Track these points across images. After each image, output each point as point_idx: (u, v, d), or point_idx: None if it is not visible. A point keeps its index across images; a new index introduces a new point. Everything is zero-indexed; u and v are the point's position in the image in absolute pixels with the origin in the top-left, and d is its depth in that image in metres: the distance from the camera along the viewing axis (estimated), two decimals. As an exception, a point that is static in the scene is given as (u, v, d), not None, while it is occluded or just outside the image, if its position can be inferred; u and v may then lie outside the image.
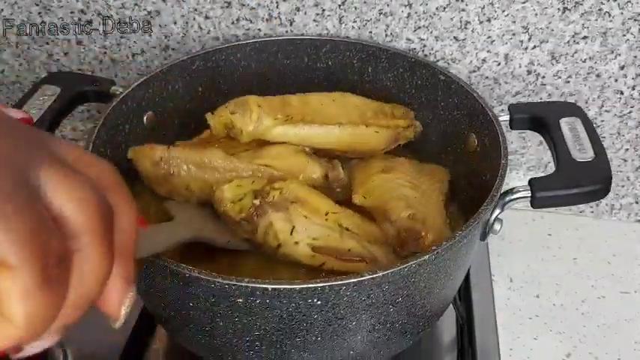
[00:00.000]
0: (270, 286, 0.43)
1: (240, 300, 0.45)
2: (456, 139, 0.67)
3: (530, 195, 0.54)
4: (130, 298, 0.31)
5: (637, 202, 0.82)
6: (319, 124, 0.65)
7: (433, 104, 0.70)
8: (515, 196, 0.55)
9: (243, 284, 0.43)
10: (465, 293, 0.73)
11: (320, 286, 0.44)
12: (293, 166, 0.63)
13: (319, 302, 0.45)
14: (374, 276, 0.44)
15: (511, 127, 0.64)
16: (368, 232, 0.58)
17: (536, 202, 0.55)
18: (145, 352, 0.67)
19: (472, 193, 0.62)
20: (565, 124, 0.60)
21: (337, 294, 0.45)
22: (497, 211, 0.55)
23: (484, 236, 0.57)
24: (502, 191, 0.54)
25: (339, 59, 0.74)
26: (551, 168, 0.59)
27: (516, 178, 0.82)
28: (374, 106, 0.69)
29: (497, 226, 0.56)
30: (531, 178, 0.55)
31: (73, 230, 0.27)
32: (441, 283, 0.53)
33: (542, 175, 0.80)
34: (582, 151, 0.57)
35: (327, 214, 0.57)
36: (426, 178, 0.65)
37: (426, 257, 0.46)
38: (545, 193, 0.54)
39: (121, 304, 0.31)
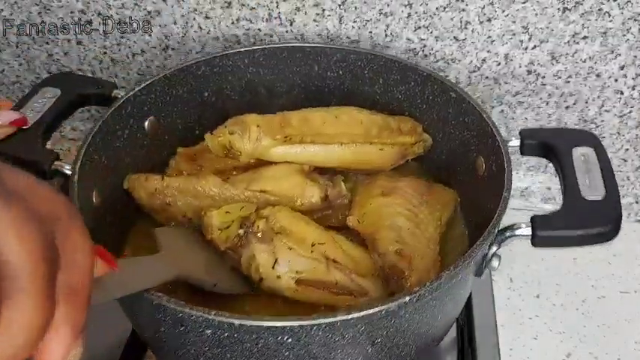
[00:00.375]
0: (237, 322, 0.42)
1: (209, 331, 0.44)
2: (464, 160, 0.65)
3: (531, 233, 0.51)
4: (77, 354, 0.26)
5: (637, 202, 0.82)
6: (320, 144, 0.64)
7: (444, 122, 0.68)
8: (514, 233, 0.52)
9: (210, 317, 0.42)
10: (465, 293, 0.73)
11: (289, 325, 0.42)
12: (290, 190, 0.61)
13: (290, 340, 0.43)
14: (347, 317, 0.42)
15: (522, 153, 0.60)
16: (358, 263, 0.56)
17: (537, 242, 0.51)
18: (144, 353, 0.67)
19: (477, 219, 0.59)
20: (578, 154, 0.56)
21: (308, 333, 0.43)
22: (494, 248, 0.52)
23: (480, 272, 0.54)
24: (501, 227, 0.51)
25: (350, 69, 0.72)
26: (552, 168, 0.59)
27: (516, 179, 0.82)
28: (379, 121, 0.67)
29: (495, 263, 0.53)
30: (534, 215, 0.52)
31: (8, 271, 0.23)
32: (427, 323, 0.50)
33: (542, 174, 0.81)
34: (592, 187, 0.53)
35: (313, 245, 0.55)
36: (426, 206, 0.62)
37: (407, 299, 0.43)
38: (547, 233, 0.51)
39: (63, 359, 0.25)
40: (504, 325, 0.70)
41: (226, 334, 0.44)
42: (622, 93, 0.73)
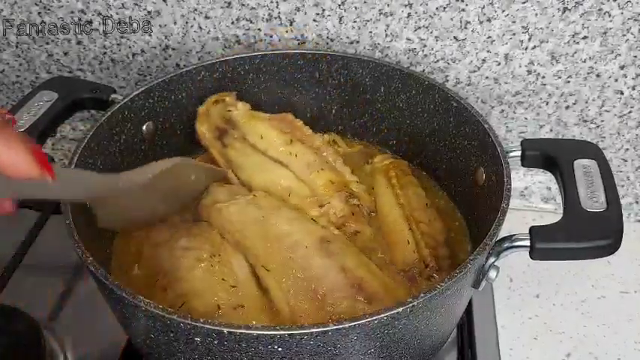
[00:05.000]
0: (225, 330, 0.42)
1: (198, 339, 0.44)
2: (465, 170, 0.65)
3: (529, 245, 0.50)
4: None
5: (637, 202, 0.82)
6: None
7: (445, 131, 0.68)
8: (512, 244, 0.51)
9: (198, 324, 0.42)
10: (464, 293, 0.72)
11: (279, 334, 0.42)
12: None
13: (280, 349, 0.43)
14: (338, 327, 0.42)
15: (523, 164, 0.60)
16: None
17: (536, 254, 0.50)
18: (144, 352, 0.67)
19: (477, 228, 0.59)
20: (579, 166, 0.56)
21: (299, 342, 0.43)
22: (491, 260, 0.51)
23: (477, 284, 0.53)
24: (499, 237, 0.51)
25: (351, 76, 0.72)
26: (552, 168, 0.59)
27: (516, 178, 0.82)
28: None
29: (492, 274, 0.51)
30: (532, 226, 0.50)
31: None
32: (423, 334, 0.50)
33: (542, 174, 0.81)
34: (594, 200, 0.52)
35: None
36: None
37: (400, 310, 0.43)
38: (546, 245, 0.50)
39: None
40: (504, 325, 0.70)
41: (216, 342, 0.43)
42: (622, 93, 0.73)
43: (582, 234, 0.51)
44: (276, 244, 0.58)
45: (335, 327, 0.42)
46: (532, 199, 0.84)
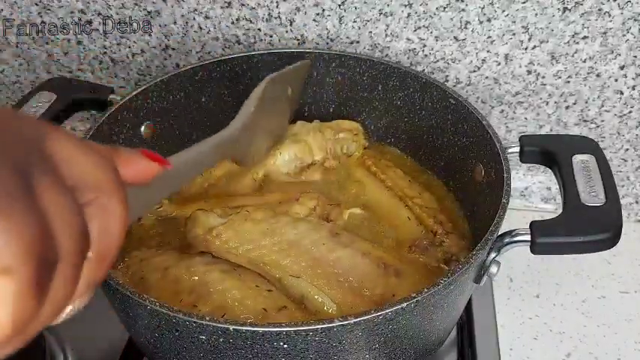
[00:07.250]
0: (232, 327, 0.42)
1: (203, 337, 0.44)
2: (463, 166, 0.65)
3: (529, 239, 0.50)
4: (83, 303, 0.29)
5: (637, 202, 0.82)
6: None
7: (443, 128, 0.68)
8: (513, 239, 0.51)
9: (204, 322, 0.42)
10: (464, 293, 0.72)
11: (285, 331, 0.42)
12: None
13: (286, 346, 0.43)
14: (343, 323, 0.42)
15: (521, 160, 0.60)
16: None
17: (536, 249, 0.50)
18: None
19: (476, 225, 0.60)
20: (578, 161, 0.56)
21: (304, 339, 0.43)
22: (493, 255, 0.52)
23: (479, 279, 0.53)
24: (500, 232, 0.51)
25: (349, 75, 0.72)
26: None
27: (516, 178, 0.82)
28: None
29: (493, 269, 0.52)
30: (533, 221, 0.51)
31: (92, 187, 0.27)
32: (425, 329, 0.50)
33: (542, 174, 0.81)
34: (592, 194, 0.53)
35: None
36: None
37: (404, 305, 0.43)
38: (546, 239, 0.50)
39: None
40: (504, 325, 0.70)
41: (221, 340, 0.43)
42: (622, 93, 0.73)
43: (582, 228, 0.51)
44: (296, 249, 0.57)
45: (340, 323, 0.42)
46: (532, 199, 0.84)
